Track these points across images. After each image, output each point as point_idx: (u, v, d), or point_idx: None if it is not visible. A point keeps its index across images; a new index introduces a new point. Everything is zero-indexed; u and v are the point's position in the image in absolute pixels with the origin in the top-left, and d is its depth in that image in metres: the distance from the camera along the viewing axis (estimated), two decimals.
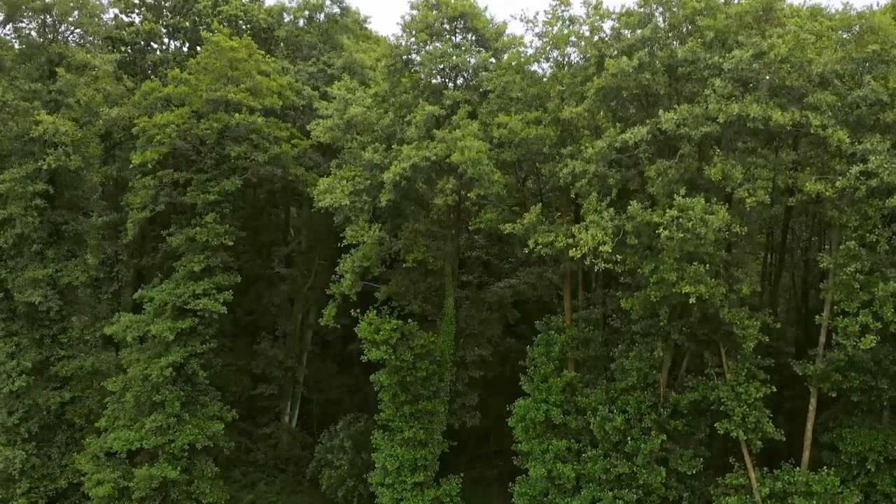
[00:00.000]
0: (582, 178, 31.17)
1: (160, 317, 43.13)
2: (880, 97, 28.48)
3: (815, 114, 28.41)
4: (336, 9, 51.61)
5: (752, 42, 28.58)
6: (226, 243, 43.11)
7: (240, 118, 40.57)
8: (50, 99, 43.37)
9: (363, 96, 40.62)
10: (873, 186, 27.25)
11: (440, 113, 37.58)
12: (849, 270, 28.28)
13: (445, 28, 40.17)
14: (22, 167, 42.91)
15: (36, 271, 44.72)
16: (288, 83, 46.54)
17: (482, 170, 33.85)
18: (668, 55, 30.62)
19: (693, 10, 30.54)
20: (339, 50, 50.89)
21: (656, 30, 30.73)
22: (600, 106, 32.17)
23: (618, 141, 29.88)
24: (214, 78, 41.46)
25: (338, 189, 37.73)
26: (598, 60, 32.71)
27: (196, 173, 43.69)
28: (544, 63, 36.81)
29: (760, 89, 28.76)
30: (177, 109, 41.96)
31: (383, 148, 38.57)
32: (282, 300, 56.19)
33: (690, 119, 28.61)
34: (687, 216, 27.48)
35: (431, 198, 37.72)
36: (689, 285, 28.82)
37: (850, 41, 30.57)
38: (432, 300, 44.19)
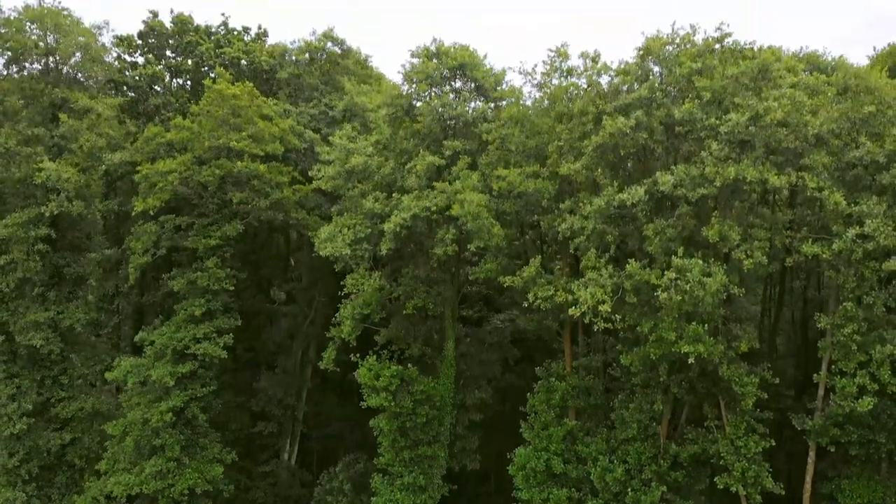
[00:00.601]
0: (581, 235, 31.41)
1: (160, 360, 43.27)
2: (876, 158, 28.78)
3: (811, 175, 28.70)
4: (337, 49, 51.96)
5: (748, 104, 28.88)
6: (226, 287, 43.25)
7: (242, 166, 40.88)
8: (53, 144, 43.71)
9: (364, 144, 40.96)
10: (870, 249, 27.44)
11: (440, 163, 37.89)
12: (846, 332, 28.46)
13: (446, 76, 40.58)
14: (24, 211, 43.18)
15: (37, 314, 44.89)
16: (290, 126, 46.86)
17: (482, 223, 34.10)
18: (665, 114, 30.94)
19: (690, 70, 30.88)
20: (340, 92, 51.27)
21: (653, 89, 31.05)
22: (598, 162, 32.47)
23: (616, 200, 30.14)
24: (217, 124, 41.76)
25: (339, 238, 37.97)
26: (595, 117, 33.08)
27: (198, 217, 43.97)
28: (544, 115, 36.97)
29: (757, 150, 29.02)
30: (179, 156, 42.27)
31: (384, 196, 38.90)
32: (282, 337, 56.30)
33: (688, 180, 28.89)
34: (685, 278, 27.67)
35: (431, 246, 37.94)
36: (688, 344, 29.01)
37: (846, 99, 30.89)
38: (432, 343, 44.33)
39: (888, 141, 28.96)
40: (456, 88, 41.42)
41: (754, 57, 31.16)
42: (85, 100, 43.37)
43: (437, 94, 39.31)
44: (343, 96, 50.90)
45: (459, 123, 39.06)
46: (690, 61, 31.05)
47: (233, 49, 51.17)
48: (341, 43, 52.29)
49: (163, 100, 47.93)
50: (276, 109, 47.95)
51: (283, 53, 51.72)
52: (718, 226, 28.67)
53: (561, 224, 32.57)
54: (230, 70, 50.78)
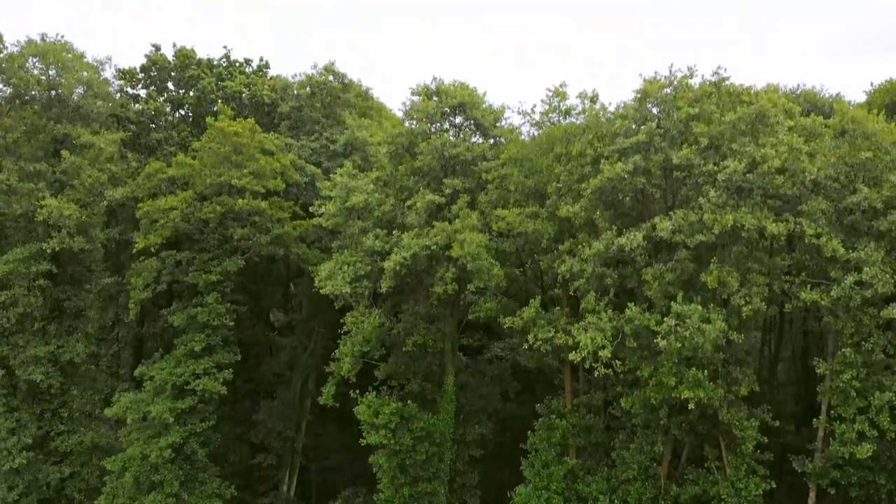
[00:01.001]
0: (580, 278, 31.54)
1: (160, 396, 43.23)
2: (874, 205, 28.95)
3: (809, 221, 28.88)
4: (338, 83, 52.35)
5: (746, 151, 29.11)
6: (226, 323, 43.32)
7: (243, 203, 41.08)
8: (54, 179, 43.93)
9: (365, 181, 41.18)
10: (868, 297, 27.56)
11: (440, 201, 38.13)
12: (845, 378, 28.52)
13: (446, 112, 40.92)
14: (25, 246, 43.27)
15: (37, 348, 44.86)
16: (291, 161, 47.16)
17: (482, 264, 34.25)
18: (663, 159, 31.17)
19: (688, 116, 31.14)
20: (341, 125, 51.62)
21: (651, 134, 31.30)
22: (597, 205, 32.66)
23: (615, 244, 30.29)
24: (218, 161, 42.02)
25: (339, 276, 38.11)
26: (594, 158, 33.32)
27: (198, 252, 44.12)
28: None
29: (755, 196, 29.21)
30: (180, 192, 42.51)
31: (384, 233, 39.09)
32: (281, 368, 56.28)
33: (686, 226, 29.07)
34: (684, 325, 27.76)
35: (431, 283, 38.07)
36: (688, 390, 29.05)
37: (843, 142, 31.14)
38: (432, 378, 44.31)
39: (886, 187, 29.17)
40: (456, 124, 41.83)
41: (751, 102, 31.40)
42: (87, 136, 43.61)
43: (438, 133, 39.57)
44: (344, 130, 51.27)
45: (459, 161, 39.31)
46: (688, 106, 31.32)
47: (234, 83, 51.57)
48: (342, 77, 52.71)
49: (164, 134, 48.23)
50: (278, 144, 48.26)
51: (285, 87, 52.09)
52: (717, 272, 28.81)
53: (560, 266, 32.72)
54: (231, 103, 51.22)
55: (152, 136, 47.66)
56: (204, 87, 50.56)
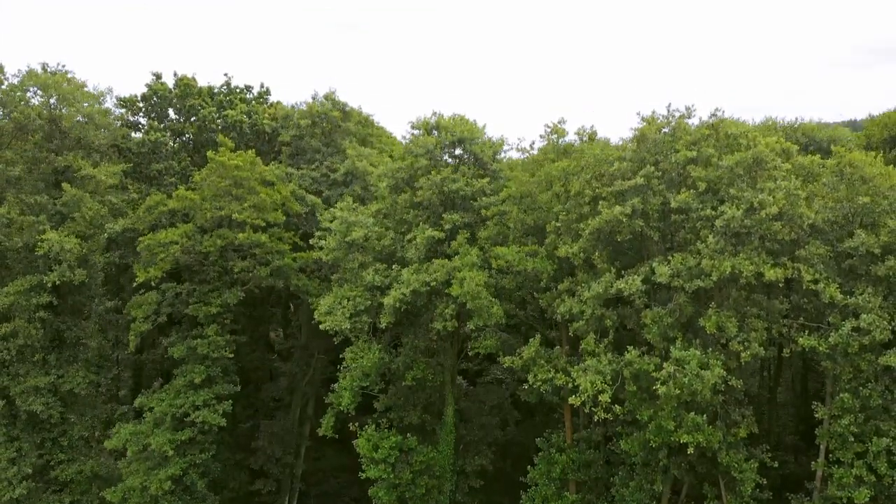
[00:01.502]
0: (580, 320, 31.66)
1: (160, 427, 43.30)
2: (872, 250, 29.09)
3: (807, 266, 29.01)
4: (338, 113, 52.56)
5: (743, 196, 29.26)
6: (226, 356, 43.42)
7: (244, 237, 41.22)
8: (55, 212, 44.06)
9: (365, 216, 41.33)
10: (865, 343, 27.67)
11: (440, 236, 38.29)
12: (843, 423, 28.60)
13: (445, 146, 41.13)
14: (26, 278, 43.36)
15: (38, 378, 44.85)
16: (291, 191, 47.37)
17: (481, 303, 34.37)
18: (661, 202, 31.33)
19: (686, 159, 31.32)
20: (342, 154, 51.84)
21: (649, 177, 31.48)
22: (595, 245, 32.79)
23: (613, 287, 30.43)
24: (219, 195, 42.19)
25: (339, 311, 38.23)
26: (592, 198, 33.50)
27: (199, 283, 44.24)
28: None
29: (752, 241, 29.36)
30: (181, 225, 42.66)
31: (384, 268, 39.23)
32: (281, 393, 56.36)
33: (684, 271, 29.19)
34: (683, 371, 27.86)
35: (431, 318, 38.17)
36: (687, 434, 29.12)
37: (841, 184, 31.29)
38: (432, 409, 44.39)
39: (883, 232, 29.31)
40: (456, 155, 42.03)
41: (749, 145, 31.58)
42: (88, 168, 43.78)
43: (437, 168, 39.72)
44: (345, 158, 51.52)
45: (459, 196, 39.48)
46: (686, 150, 31.50)
47: (235, 111, 51.80)
48: (342, 106, 52.96)
49: (165, 164, 48.42)
50: (278, 174, 48.47)
51: (286, 116, 52.31)
52: (715, 317, 28.94)
53: (560, 306, 32.84)
54: (232, 133, 51.49)
55: (153, 167, 47.83)
56: (205, 117, 50.80)
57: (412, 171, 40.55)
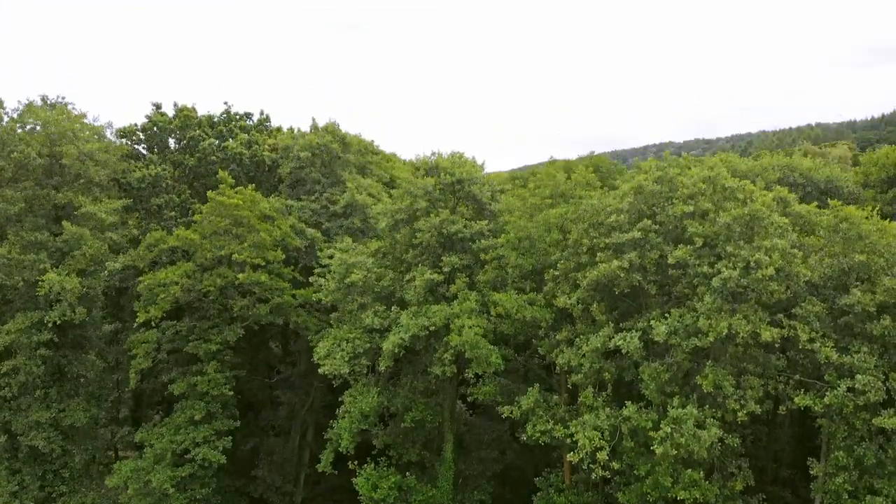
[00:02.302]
0: (578, 373, 31.88)
1: (160, 463, 43.56)
2: (867, 308, 29.27)
3: (803, 325, 29.20)
4: (338, 143, 52.70)
5: (740, 254, 29.41)
6: (226, 393, 43.65)
7: (244, 277, 41.42)
8: (55, 249, 44.25)
9: (365, 256, 41.48)
10: (861, 404, 27.88)
11: (439, 279, 38.46)
12: (837, 481, 28.81)
13: (444, 188, 41.25)
14: (27, 315, 43.59)
15: (39, 413, 45.19)
16: (291, 225, 47.55)
17: (480, 352, 34.57)
18: (659, 256, 31.51)
19: (682, 213, 31.47)
20: (342, 185, 52.02)
21: (646, 231, 31.66)
22: (594, 296, 32.97)
23: (611, 343, 30.63)
24: (218, 234, 42.37)
25: (338, 354, 38.41)
26: (590, 247, 33.69)
27: (198, 320, 44.50)
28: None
29: (749, 299, 29.54)
30: (181, 263, 42.86)
31: (383, 309, 39.41)
32: (280, 422, 56.57)
33: (681, 329, 29.37)
34: (680, 430, 28.06)
35: (430, 362, 38.36)
36: (683, 490, 29.34)
37: (837, 238, 31.45)
38: (431, 446, 44.60)
39: (879, 290, 29.48)
40: (454, 191, 42.15)
41: (746, 199, 31.75)
42: (88, 205, 43.95)
43: (436, 210, 39.85)
44: (344, 190, 51.74)
45: (458, 238, 39.63)
46: (683, 204, 31.65)
47: (235, 143, 51.96)
48: (342, 137, 53.05)
49: (165, 198, 48.56)
50: (278, 206, 48.63)
51: (286, 148, 52.43)
52: (712, 375, 29.13)
53: (558, 356, 33.06)
54: (232, 164, 51.66)
55: (153, 202, 47.98)
56: (205, 149, 50.95)
57: (411, 211, 40.70)
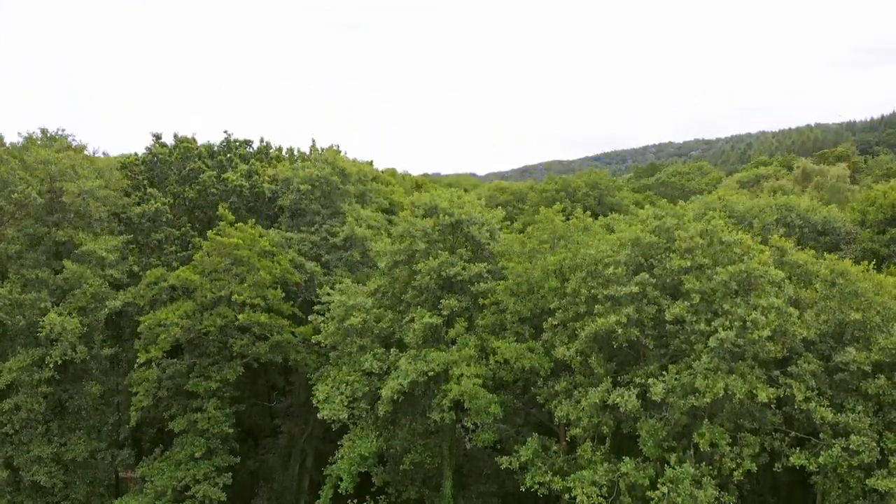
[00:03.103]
0: (577, 426, 32.13)
1: (160, 500, 43.85)
2: (862, 367, 29.51)
3: (799, 384, 29.45)
4: (337, 175, 52.85)
5: (737, 313, 29.65)
6: (226, 430, 43.89)
7: (243, 318, 41.62)
8: (56, 287, 44.43)
9: (364, 295, 41.69)
10: (855, 464, 28.13)
11: (438, 322, 38.66)
12: None
13: (442, 228, 41.43)
14: (28, 353, 43.80)
15: (41, 448, 45.43)
16: (291, 259, 47.74)
17: (479, 403, 34.81)
18: (656, 310, 31.74)
19: (680, 268, 31.69)
20: (341, 216, 52.20)
21: (644, 284, 31.88)
22: (592, 347, 33.19)
23: (609, 399, 30.88)
24: (218, 273, 42.57)
25: (337, 398, 38.68)
26: (588, 297, 33.90)
27: (199, 357, 44.71)
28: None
29: (746, 358, 29.78)
30: (182, 301, 43.06)
31: (382, 351, 39.65)
32: (280, 451, 56.82)
33: (679, 388, 29.62)
34: (677, 490, 28.32)
35: (429, 406, 38.59)
36: None
37: (834, 294, 31.66)
38: (430, 482, 44.84)
39: (874, 349, 29.71)
40: (453, 232, 42.31)
41: (743, 255, 31.97)
42: (89, 243, 44.13)
43: (435, 253, 40.03)
44: (344, 221, 51.94)
45: (456, 281, 39.83)
46: (680, 258, 31.88)
47: (235, 175, 52.07)
48: (342, 170, 53.20)
49: (165, 233, 48.71)
50: (278, 240, 48.82)
51: (286, 180, 52.56)
52: (709, 434, 29.38)
53: (557, 408, 33.31)
54: (232, 196, 51.82)
55: (153, 237, 48.15)
56: (205, 182, 51.09)
57: (410, 252, 40.89)
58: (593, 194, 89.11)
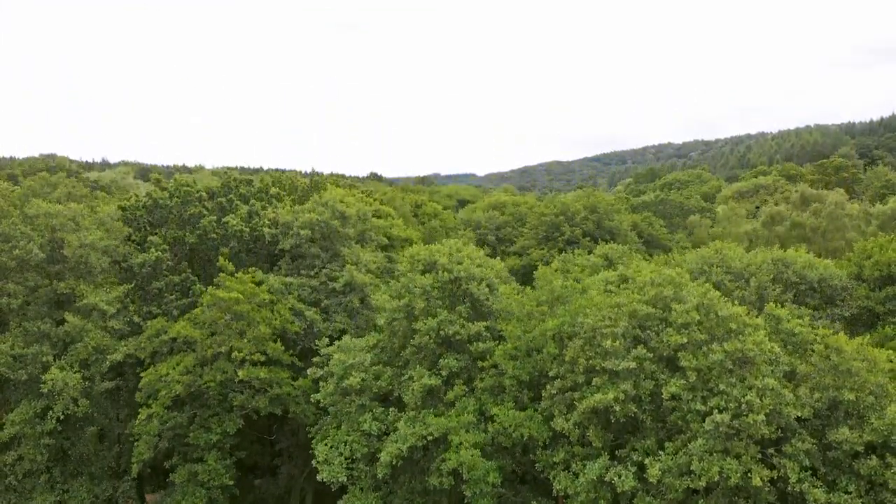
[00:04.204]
0: (575, 501, 32.46)
1: None
2: (855, 447, 29.83)
3: (793, 464, 29.78)
4: (337, 219, 53.13)
5: (732, 395, 29.97)
6: (226, 483, 44.26)
7: (243, 375, 41.96)
8: (58, 340, 44.75)
9: (363, 350, 41.98)
10: None
11: (436, 384, 38.96)
12: None
13: (442, 286, 41.67)
14: (31, 404, 44.15)
15: (44, 496, 45.80)
16: (290, 307, 48.05)
17: (477, 474, 35.14)
18: (654, 386, 32.07)
19: (676, 344, 32.01)
20: (341, 259, 52.50)
21: (641, 360, 32.20)
22: (590, 419, 33.50)
23: (607, 477, 31.22)
24: (218, 329, 42.87)
25: (336, 461, 39.00)
26: (586, 369, 34.22)
27: (199, 408, 45.04)
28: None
29: (742, 438, 30.09)
30: (182, 356, 43.38)
31: (380, 411, 39.96)
32: (280, 491, 57.18)
33: (675, 469, 29.95)
34: None
35: (428, 468, 38.89)
36: None
37: (828, 373, 31.95)
38: None
39: (867, 429, 30.02)
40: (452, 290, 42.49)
41: (739, 330, 32.29)
42: (90, 296, 44.45)
43: (433, 310, 40.30)
44: (344, 264, 52.27)
45: (456, 340, 40.12)
46: (676, 333, 32.19)
47: (236, 219, 52.29)
48: (342, 213, 53.46)
49: (165, 281, 48.97)
50: (278, 287, 49.12)
51: (286, 224, 52.83)
52: None
53: (555, 480, 33.63)
54: (232, 241, 52.07)
55: (154, 285, 48.43)
56: (205, 227, 51.32)
57: (409, 309, 41.17)
58: (592, 218, 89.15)
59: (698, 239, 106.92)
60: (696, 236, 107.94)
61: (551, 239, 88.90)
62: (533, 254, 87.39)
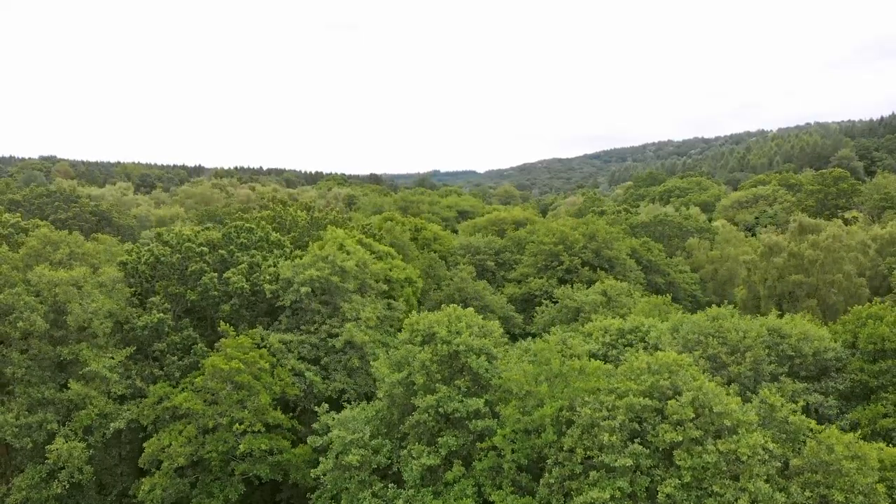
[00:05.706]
0: None
1: None
2: None
3: None
4: (336, 275, 53.57)
5: (726, 498, 30.58)
6: None
7: (244, 447, 42.53)
8: (62, 405, 45.30)
9: (362, 421, 42.53)
10: None
11: (435, 462, 39.54)
12: None
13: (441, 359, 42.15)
14: (37, 469, 44.76)
15: None
16: (290, 367, 48.59)
17: None
18: (649, 482, 32.64)
19: (672, 441, 32.56)
20: (340, 315, 52.98)
21: (636, 456, 32.77)
22: None
23: None
24: (220, 399, 43.42)
25: None
26: (583, 457, 34.81)
27: (201, 472, 45.67)
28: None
29: None
30: (183, 425, 43.95)
31: (380, 487, 40.55)
32: None
33: None
34: None
35: None
36: None
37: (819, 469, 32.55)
38: None
39: None
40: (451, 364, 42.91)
41: (733, 428, 32.85)
42: (93, 363, 44.96)
43: (432, 385, 40.82)
44: (343, 320, 52.74)
45: (454, 417, 40.67)
46: (672, 431, 32.74)
47: (237, 276, 52.74)
48: (341, 268, 53.88)
49: (167, 342, 49.50)
50: (278, 346, 49.64)
51: (287, 280, 53.29)
52: None
53: None
54: (233, 299, 52.55)
55: (156, 347, 48.95)
56: (206, 284, 51.79)
57: (407, 382, 41.71)
58: (591, 247, 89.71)
59: (697, 262, 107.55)
60: (695, 259, 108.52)
61: (550, 268, 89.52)
62: (532, 283, 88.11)
